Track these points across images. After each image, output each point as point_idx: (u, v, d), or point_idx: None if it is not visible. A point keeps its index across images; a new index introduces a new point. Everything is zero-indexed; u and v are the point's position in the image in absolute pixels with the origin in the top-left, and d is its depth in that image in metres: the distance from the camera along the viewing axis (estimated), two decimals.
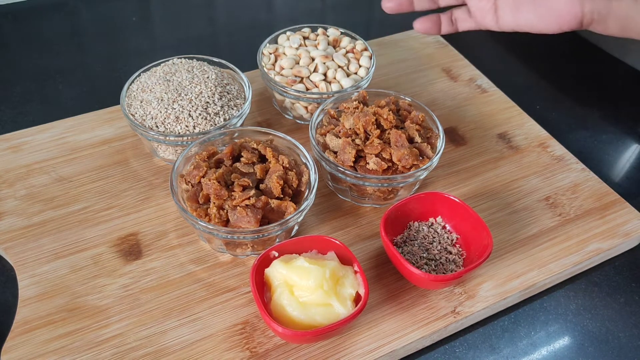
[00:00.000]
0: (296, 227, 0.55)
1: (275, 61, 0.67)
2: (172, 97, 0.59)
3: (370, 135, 0.55)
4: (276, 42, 0.70)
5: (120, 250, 0.54)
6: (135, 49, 0.82)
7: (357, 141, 0.55)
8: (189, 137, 0.57)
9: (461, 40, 0.83)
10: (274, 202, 0.50)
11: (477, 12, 0.57)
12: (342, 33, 0.71)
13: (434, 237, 0.54)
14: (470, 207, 0.53)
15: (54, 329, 0.47)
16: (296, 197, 0.53)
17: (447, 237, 0.54)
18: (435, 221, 0.55)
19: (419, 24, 0.61)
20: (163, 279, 0.52)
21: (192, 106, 0.58)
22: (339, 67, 0.66)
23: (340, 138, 0.56)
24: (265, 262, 0.48)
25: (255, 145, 0.55)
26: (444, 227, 0.55)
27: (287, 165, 0.53)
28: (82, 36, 0.85)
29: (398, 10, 0.61)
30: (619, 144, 0.71)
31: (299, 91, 0.63)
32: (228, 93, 0.61)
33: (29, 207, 0.57)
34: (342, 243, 0.49)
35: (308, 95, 0.63)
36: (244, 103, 0.62)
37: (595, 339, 0.51)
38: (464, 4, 0.60)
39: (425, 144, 0.56)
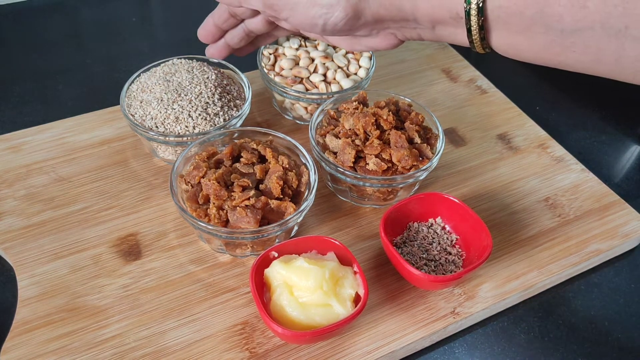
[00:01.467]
0: (296, 228, 0.55)
1: (275, 62, 0.67)
2: (172, 98, 0.59)
3: (370, 135, 0.55)
4: (276, 43, 0.70)
5: (120, 251, 0.54)
6: (135, 49, 0.82)
7: (357, 142, 0.55)
8: (189, 138, 0.57)
9: None
10: (273, 203, 0.50)
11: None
12: None
13: (434, 238, 0.54)
14: (469, 207, 0.53)
15: (54, 329, 0.47)
16: (296, 197, 0.53)
17: (447, 238, 0.54)
18: (435, 222, 0.55)
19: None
20: (163, 279, 0.52)
21: (192, 106, 0.58)
22: (339, 67, 0.66)
23: (340, 139, 0.56)
24: (264, 262, 0.48)
25: (255, 146, 0.55)
26: (443, 228, 0.55)
27: (287, 166, 0.53)
28: (82, 36, 0.85)
29: (211, 41, 0.64)
30: (618, 145, 0.71)
31: (298, 92, 0.63)
32: (228, 93, 0.61)
33: (29, 207, 0.57)
34: (341, 244, 0.49)
35: (308, 96, 0.63)
36: (243, 103, 0.62)
37: (595, 341, 0.51)
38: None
39: (425, 144, 0.56)
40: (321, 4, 0.49)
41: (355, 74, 0.66)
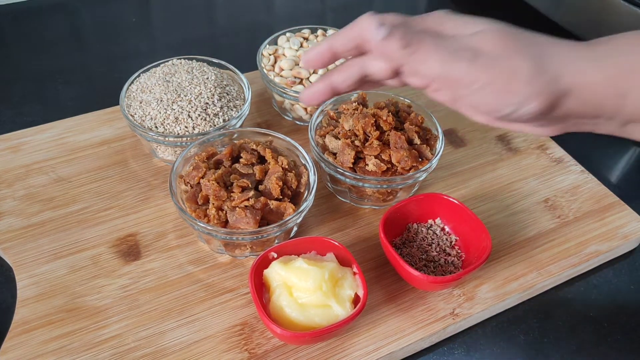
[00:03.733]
0: (295, 228, 0.55)
1: (275, 62, 0.67)
2: (172, 98, 0.59)
3: (369, 136, 0.55)
4: (276, 44, 0.70)
5: (119, 251, 0.54)
6: (135, 50, 0.82)
7: (357, 142, 0.55)
8: (188, 138, 0.57)
9: None
10: (273, 203, 0.50)
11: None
12: None
13: (433, 239, 0.54)
14: (469, 208, 0.53)
15: (53, 330, 0.47)
16: (295, 198, 0.53)
17: (446, 239, 0.54)
18: (434, 223, 0.55)
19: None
20: (162, 280, 0.52)
21: (192, 107, 0.59)
22: None
23: (339, 139, 0.56)
24: (264, 263, 0.48)
25: (254, 146, 0.55)
26: (442, 229, 0.55)
27: (287, 167, 0.53)
28: (81, 37, 0.85)
29: (318, 67, 0.45)
30: (618, 147, 0.71)
31: (298, 92, 0.63)
32: (227, 94, 0.61)
33: (28, 208, 0.57)
34: (341, 244, 0.49)
35: None
36: (243, 104, 0.62)
37: (594, 342, 0.51)
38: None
39: (425, 145, 0.56)
40: (519, 92, 0.38)
41: None
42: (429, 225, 0.55)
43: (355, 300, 0.47)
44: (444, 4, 0.95)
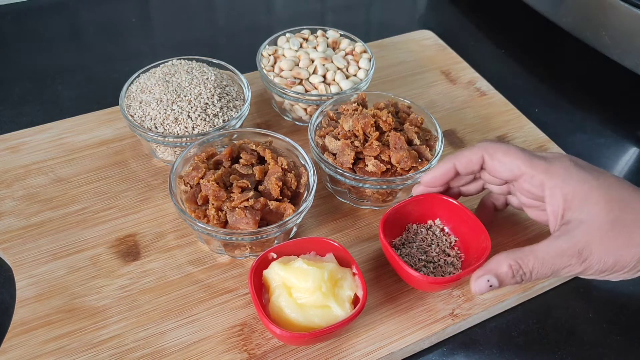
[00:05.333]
0: (295, 229, 0.55)
1: (275, 63, 0.67)
2: (171, 98, 0.59)
3: (369, 137, 0.55)
4: (275, 44, 0.70)
5: (119, 251, 0.54)
6: (135, 50, 0.82)
7: (356, 143, 0.55)
8: (188, 138, 0.57)
9: (460, 43, 0.84)
10: (272, 204, 0.50)
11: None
12: (341, 35, 0.71)
13: (433, 240, 0.54)
14: (468, 209, 0.53)
15: (52, 330, 0.47)
16: (295, 198, 0.53)
17: (446, 240, 0.54)
18: (434, 223, 0.55)
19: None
20: (161, 280, 0.52)
21: (191, 107, 0.59)
22: (338, 69, 0.66)
23: (339, 140, 0.56)
24: (263, 263, 0.48)
25: (254, 147, 0.55)
26: (442, 230, 0.55)
27: (286, 167, 0.53)
28: (81, 37, 0.85)
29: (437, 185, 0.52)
30: (617, 147, 0.71)
31: (298, 93, 0.63)
32: (227, 94, 0.61)
33: (27, 208, 0.57)
34: (340, 245, 0.49)
35: (307, 97, 0.63)
36: (243, 104, 0.62)
37: (594, 343, 0.51)
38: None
39: (424, 146, 0.56)
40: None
41: (355, 75, 0.66)
42: (428, 226, 0.55)
43: (355, 300, 0.47)
44: (443, 4, 0.95)
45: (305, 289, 0.45)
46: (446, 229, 0.55)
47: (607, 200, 0.43)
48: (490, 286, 0.43)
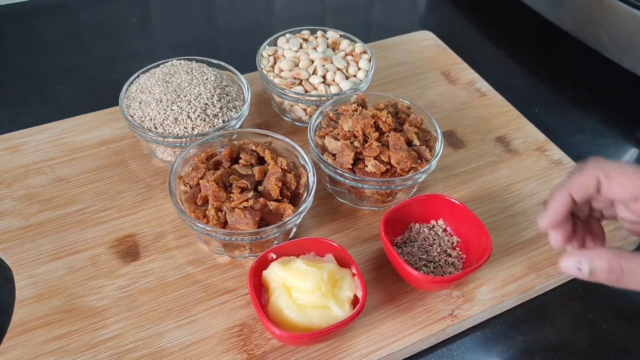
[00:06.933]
0: (294, 229, 0.55)
1: (275, 63, 0.67)
2: (171, 99, 0.59)
3: (368, 137, 0.55)
4: (275, 44, 0.70)
5: (118, 252, 0.54)
6: (135, 50, 0.82)
7: (356, 144, 0.55)
8: (188, 139, 0.57)
9: (460, 44, 0.84)
10: (272, 204, 0.50)
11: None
12: (341, 36, 0.71)
13: (434, 240, 0.54)
14: (471, 210, 0.53)
15: (51, 330, 0.47)
16: (294, 199, 0.53)
17: (448, 240, 0.54)
18: (437, 224, 0.55)
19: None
20: (161, 281, 0.52)
21: (191, 108, 0.58)
22: (338, 69, 0.66)
23: (339, 140, 0.56)
24: (263, 264, 0.48)
25: (254, 147, 0.55)
26: (444, 230, 0.55)
27: (286, 167, 0.53)
28: (81, 37, 0.84)
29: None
30: (617, 148, 0.71)
31: (298, 93, 0.63)
32: (227, 95, 0.61)
33: (27, 208, 0.57)
34: (340, 245, 0.49)
35: (307, 98, 0.63)
36: (242, 105, 0.62)
37: (593, 344, 0.51)
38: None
39: (424, 146, 0.56)
40: None
41: (355, 76, 0.66)
42: (431, 226, 0.55)
43: (354, 301, 0.47)
44: (443, 5, 0.96)
45: (305, 289, 0.45)
46: (449, 230, 0.55)
47: None
48: (579, 270, 0.39)
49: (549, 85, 0.80)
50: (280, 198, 0.52)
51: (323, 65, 0.65)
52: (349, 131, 0.57)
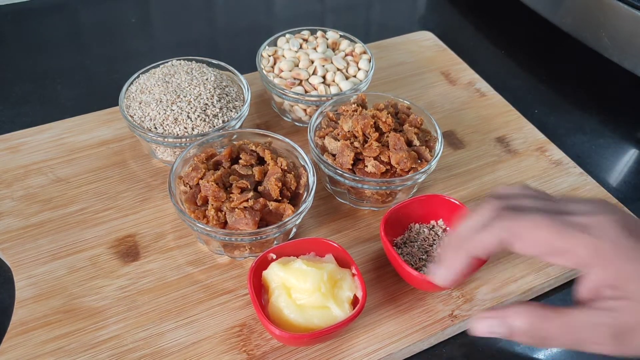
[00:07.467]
0: (294, 230, 0.55)
1: (275, 63, 0.67)
2: (171, 99, 0.59)
3: (368, 138, 0.55)
4: (275, 45, 0.70)
5: (118, 252, 0.54)
6: (135, 51, 0.82)
7: (356, 144, 0.55)
8: (188, 139, 0.57)
9: (460, 44, 0.84)
10: (272, 205, 0.50)
11: None
12: (341, 36, 0.71)
13: (434, 240, 0.54)
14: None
15: (51, 331, 0.47)
16: (294, 199, 0.53)
17: None
18: (437, 224, 0.55)
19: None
20: (160, 281, 0.52)
21: (191, 108, 0.58)
22: (338, 69, 0.66)
23: (338, 141, 0.56)
24: (263, 264, 0.48)
25: (253, 147, 0.55)
26: (445, 230, 0.55)
27: (286, 168, 0.53)
28: (81, 37, 0.84)
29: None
30: (617, 149, 0.71)
31: (297, 93, 0.63)
32: (227, 95, 0.61)
33: (27, 208, 0.56)
34: (340, 246, 0.49)
35: (307, 98, 0.63)
36: (242, 105, 0.62)
37: None
38: None
39: (424, 147, 0.56)
40: None
41: (355, 76, 0.66)
42: (431, 226, 0.55)
43: (354, 301, 0.47)
44: (443, 5, 0.96)
45: (305, 289, 0.45)
46: (449, 230, 0.55)
47: None
48: (495, 333, 0.36)
49: (549, 86, 0.80)
50: (280, 198, 0.52)
51: (323, 66, 0.65)
52: (348, 131, 0.57)
